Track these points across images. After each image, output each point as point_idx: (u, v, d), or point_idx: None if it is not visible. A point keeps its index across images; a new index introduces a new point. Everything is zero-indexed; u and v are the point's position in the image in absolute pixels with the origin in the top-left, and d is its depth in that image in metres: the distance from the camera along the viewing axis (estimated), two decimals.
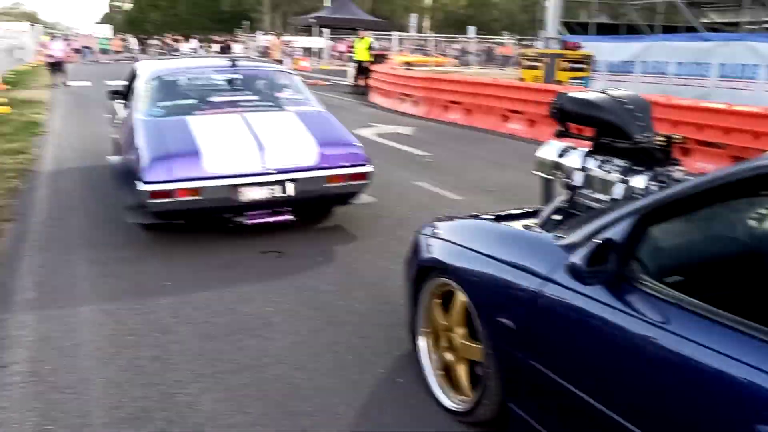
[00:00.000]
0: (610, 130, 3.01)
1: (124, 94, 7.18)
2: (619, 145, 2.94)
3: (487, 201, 6.90)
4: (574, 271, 2.12)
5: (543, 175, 3.27)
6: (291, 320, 4.04)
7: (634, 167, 2.92)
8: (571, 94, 3.26)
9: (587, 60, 17.00)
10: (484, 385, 2.76)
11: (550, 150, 3.23)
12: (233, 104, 6.03)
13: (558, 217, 3.15)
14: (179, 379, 3.32)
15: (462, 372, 3.01)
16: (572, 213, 3.08)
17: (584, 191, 3.04)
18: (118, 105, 7.31)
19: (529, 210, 3.37)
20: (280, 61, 23.03)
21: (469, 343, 2.90)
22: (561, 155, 3.17)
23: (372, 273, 4.85)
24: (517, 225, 3.01)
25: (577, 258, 2.09)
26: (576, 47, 17.66)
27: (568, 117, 3.25)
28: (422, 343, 3.29)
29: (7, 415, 3.00)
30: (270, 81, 6.82)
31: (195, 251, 5.26)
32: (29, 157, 9.09)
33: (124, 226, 5.59)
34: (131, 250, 5.29)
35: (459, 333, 2.98)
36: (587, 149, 3.12)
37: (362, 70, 19.77)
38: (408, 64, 30.21)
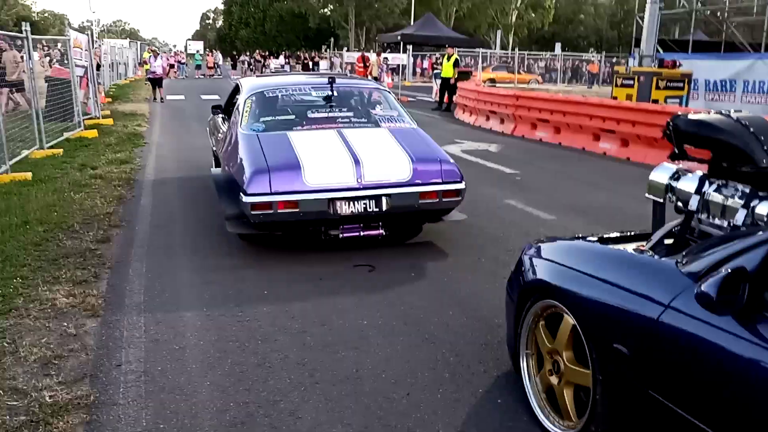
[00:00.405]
0: (731, 154, 2.88)
1: (226, 109, 7.46)
2: (742, 170, 2.81)
3: (581, 222, 6.76)
4: (702, 300, 2.04)
5: (655, 198, 3.16)
6: (386, 335, 4.06)
7: (759, 193, 2.78)
8: (689, 116, 3.15)
9: (685, 79, 16.41)
10: (593, 411, 2.68)
11: (662, 173, 3.11)
12: (330, 120, 6.15)
13: (669, 242, 3.04)
14: (280, 388, 3.39)
15: (567, 396, 2.91)
16: (686, 238, 2.97)
17: (701, 216, 2.92)
18: (219, 119, 7.57)
19: (636, 233, 3.27)
20: (377, 78, 23.41)
21: (577, 368, 2.81)
22: (675, 178, 3.06)
23: (465, 290, 4.83)
24: (628, 248, 2.92)
25: (706, 286, 2.01)
26: (674, 65, 17.05)
27: (684, 138, 3.13)
28: (525, 364, 3.22)
29: (123, 411, 3.14)
30: (365, 98, 6.94)
31: (290, 262, 5.38)
32: (133, 167, 9.56)
33: (224, 235, 5.81)
34: (231, 258, 5.48)
35: (565, 357, 2.89)
36: (703, 173, 3.00)
37: (447, 87, 19.85)
38: (492, 80, 30.24)
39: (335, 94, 6.49)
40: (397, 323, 4.23)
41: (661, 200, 3.14)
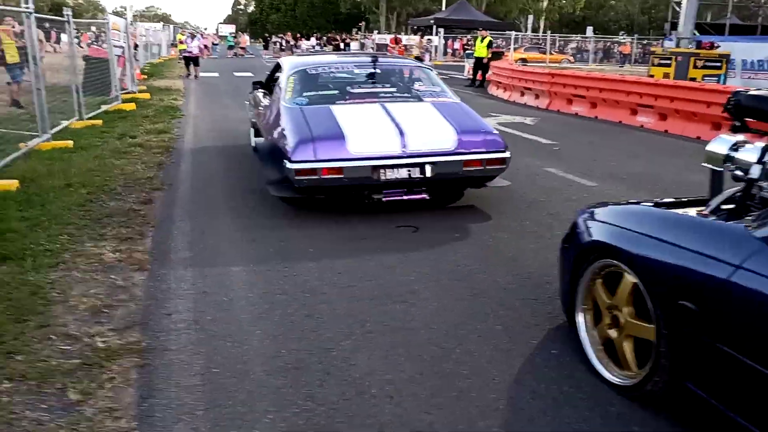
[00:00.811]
0: None
1: (266, 85, 7.53)
2: None
3: (622, 189, 6.63)
4: None
5: (713, 167, 3.15)
6: (434, 289, 3.99)
7: None
8: (750, 91, 3.27)
9: (723, 59, 16.13)
10: (656, 363, 2.66)
11: (721, 144, 3.12)
12: (373, 95, 6.16)
13: (727, 207, 2.99)
14: (331, 336, 3.34)
15: (627, 349, 2.90)
16: (747, 204, 2.93)
17: (763, 184, 2.88)
18: (259, 94, 7.62)
19: (691, 199, 3.28)
20: (420, 58, 23.34)
21: (638, 322, 2.81)
22: (734, 149, 3.04)
23: (510, 251, 4.74)
24: (690, 212, 2.94)
25: None
26: (711, 47, 16.80)
27: (745, 112, 3.24)
28: (581, 319, 3.20)
29: (176, 356, 3.11)
30: (407, 75, 6.97)
31: (333, 224, 5.34)
32: (171, 136, 9.58)
33: (265, 198, 5.80)
34: (273, 219, 5.45)
35: (626, 312, 2.89)
36: (765, 143, 2.97)
37: (480, 66, 19.87)
38: (524, 60, 29.86)
39: (378, 71, 6.51)
40: (444, 279, 4.16)
41: (720, 169, 3.12)
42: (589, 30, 43.63)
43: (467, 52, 28.11)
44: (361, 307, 3.71)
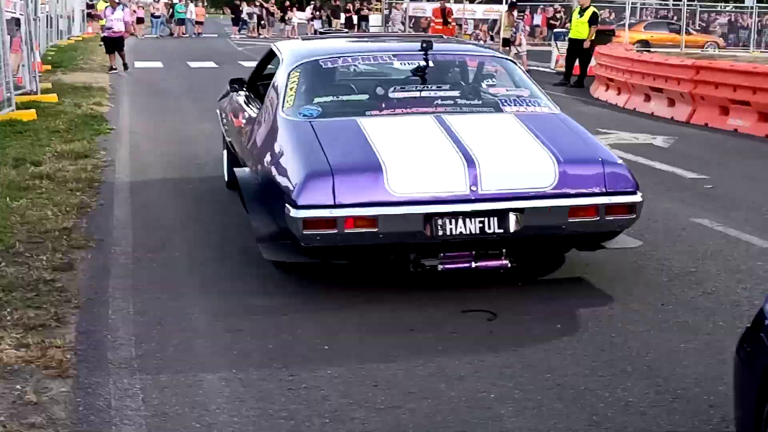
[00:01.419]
0: None
1: (252, 85, 7.75)
2: None
3: None
4: None
5: None
6: (529, 417, 4.02)
7: None
8: None
9: None
10: None
11: None
12: (425, 102, 6.32)
13: None
14: None
15: None
16: None
17: None
18: (240, 98, 7.83)
19: None
20: (509, 43, 23.39)
21: None
22: None
23: (645, 352, 4.80)
24: None
25: None
26: None
27: None
28: None
29: None
30: (478, 70, 7.15)
31: (360, 305, 5.45)
32: (96, 163, 9.90)
33: (250, 263, 5.97)
34: (267, 296, 5.61)
35: None
36: None
37: (578, 52, 20.16)
38: (645, 43, 30.19)
39: (431, 64, 6.58)
40: (543, 398, 4.20)
41: None
42: None
43: (556, 31, 28.38)
44: None
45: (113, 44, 22.55)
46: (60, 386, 4.22)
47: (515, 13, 28.14)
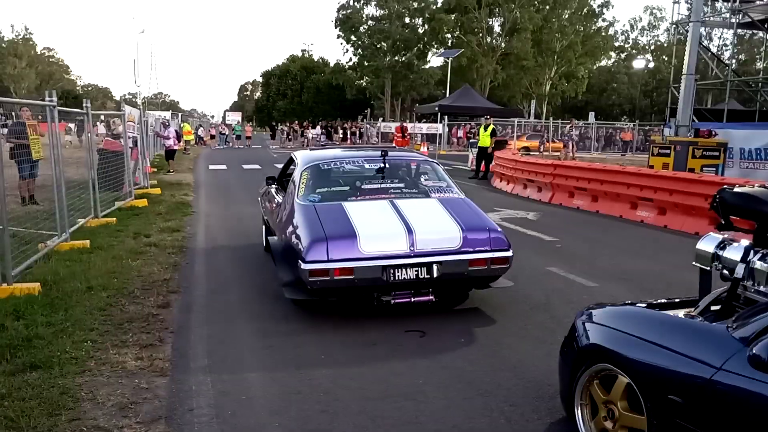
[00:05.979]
0: None
1: (279, 180, 7.89)
2: None
3: (624, 289, 6.91)
4: (754, 361, 2.25)
5: (702, 266, 3.37)
6: (442, 389, 4.33)
7: None
8: (735, 189, 3.41)
9: (721, 148, 16.60)
10: None
11: (709, 242, 3.33)
12: (383, 191, 6.45)
13: (716, 308, 3.23)
14: (345, 429, 3.74)
15: None
16: (733, 305, 3.16)
17: (746, 283, 3.12)
18: (272, 189, 8.00)
19: (683, 300, 3.51)
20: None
21: (631, 414, 3.07)
22: (721, 247, 3.27)
23: (514, 356, 5.00)
24: (678, 314, 3.13)
25: (757, 349, 2.22)
26: (709, 135, 17.31)
27: (731, 210, 3.39)
28: (579, 412, 3.47)
29: None
30: (414, 169, 7.28)
31: (345, 327, 5.62)
32: (184, 235, 9.99)
33: (279, 300, 6.11)
34: (288, 323, 5.75)
35: (620, 406, 3.16)
36: (748, 243, 3.20)
37: (484, 156, 20.29)
38: (526, 149, 30.66)
39: (387, 166, 6.75)
40: (451, 382, 4.47)
41: (708, 268, 3.35)
42: (591, 116, 44.72)
43: (471, 141, 28.80)
44: (372, 404, 4.07)
45: (168, 155, 22.33)
46: (161, 380, 4.45)
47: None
